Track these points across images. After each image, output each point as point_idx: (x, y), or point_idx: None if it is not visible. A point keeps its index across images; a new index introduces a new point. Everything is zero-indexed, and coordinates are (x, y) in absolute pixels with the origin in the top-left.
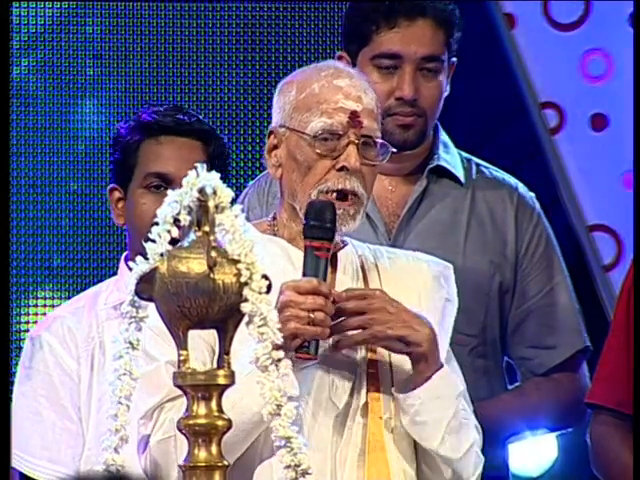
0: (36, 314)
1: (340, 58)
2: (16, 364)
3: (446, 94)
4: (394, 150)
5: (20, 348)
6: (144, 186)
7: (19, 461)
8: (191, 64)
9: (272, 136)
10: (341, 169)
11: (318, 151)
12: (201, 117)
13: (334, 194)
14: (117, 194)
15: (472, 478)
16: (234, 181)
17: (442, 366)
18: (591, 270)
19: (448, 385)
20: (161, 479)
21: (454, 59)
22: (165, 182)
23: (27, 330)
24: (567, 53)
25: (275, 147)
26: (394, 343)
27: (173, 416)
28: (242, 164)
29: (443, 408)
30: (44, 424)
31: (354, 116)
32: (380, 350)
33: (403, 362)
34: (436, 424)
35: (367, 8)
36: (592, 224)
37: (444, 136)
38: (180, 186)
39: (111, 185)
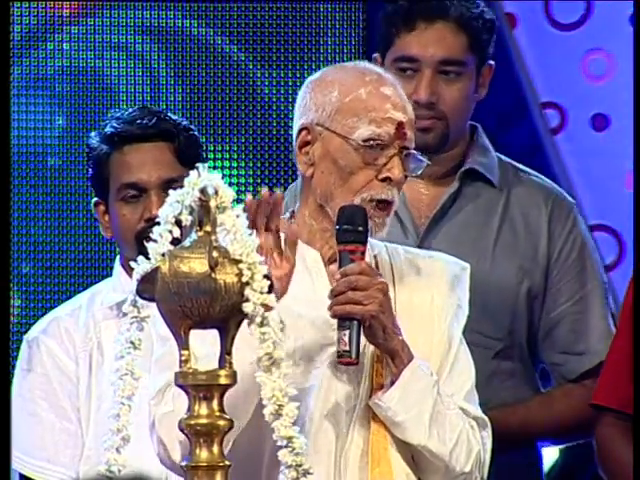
0: (36, 315)
1: (375, 60)
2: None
3: (480, 97)
4: (429, 163)
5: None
6: (120, 198)
7: (19, 462)
8: (200, 64)
9: (305, 132)
10: (384, 179)
11: (367, 159)
12: (165, 113)
13: (374, 202)
14: (102, 207)
15: (467, 467)
16: (235, 181)
17: (410, 362)
18: None
19: (420, 378)
20: (168, 457)
21: (491, 62)
22: (140, 190)
23: (27, 331)
24: (568, 53)
25: (307, 143)
26: (377, 330)
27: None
28: (251, 164)
29: (420, 402)
30: (43, 425)
31: (400, 127)
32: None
33: None
34: (418, 419)
35: (390, 11)
36: (593, 224)
37: (483, 139)
38: (157, 189)
39: (95, 199)
